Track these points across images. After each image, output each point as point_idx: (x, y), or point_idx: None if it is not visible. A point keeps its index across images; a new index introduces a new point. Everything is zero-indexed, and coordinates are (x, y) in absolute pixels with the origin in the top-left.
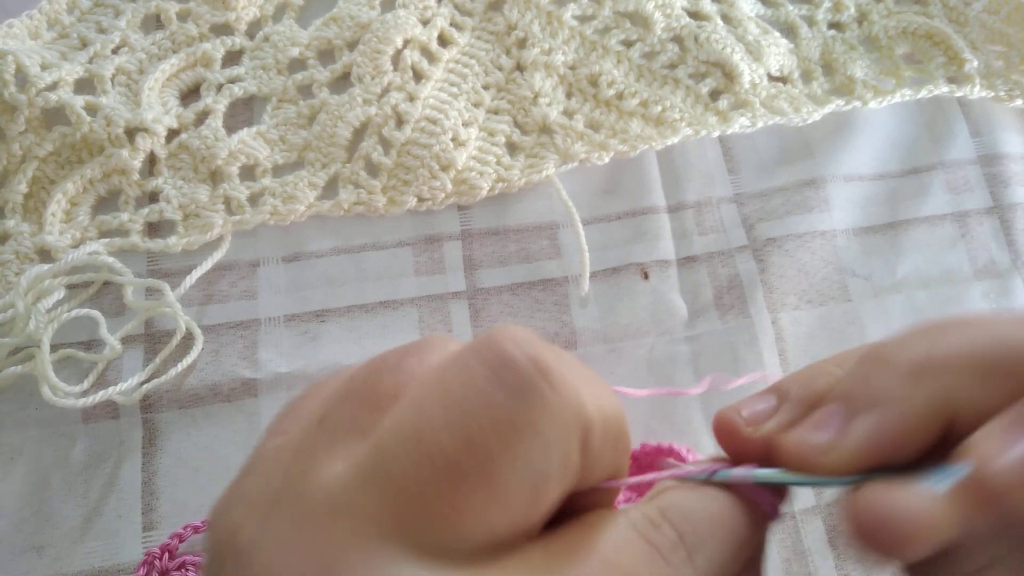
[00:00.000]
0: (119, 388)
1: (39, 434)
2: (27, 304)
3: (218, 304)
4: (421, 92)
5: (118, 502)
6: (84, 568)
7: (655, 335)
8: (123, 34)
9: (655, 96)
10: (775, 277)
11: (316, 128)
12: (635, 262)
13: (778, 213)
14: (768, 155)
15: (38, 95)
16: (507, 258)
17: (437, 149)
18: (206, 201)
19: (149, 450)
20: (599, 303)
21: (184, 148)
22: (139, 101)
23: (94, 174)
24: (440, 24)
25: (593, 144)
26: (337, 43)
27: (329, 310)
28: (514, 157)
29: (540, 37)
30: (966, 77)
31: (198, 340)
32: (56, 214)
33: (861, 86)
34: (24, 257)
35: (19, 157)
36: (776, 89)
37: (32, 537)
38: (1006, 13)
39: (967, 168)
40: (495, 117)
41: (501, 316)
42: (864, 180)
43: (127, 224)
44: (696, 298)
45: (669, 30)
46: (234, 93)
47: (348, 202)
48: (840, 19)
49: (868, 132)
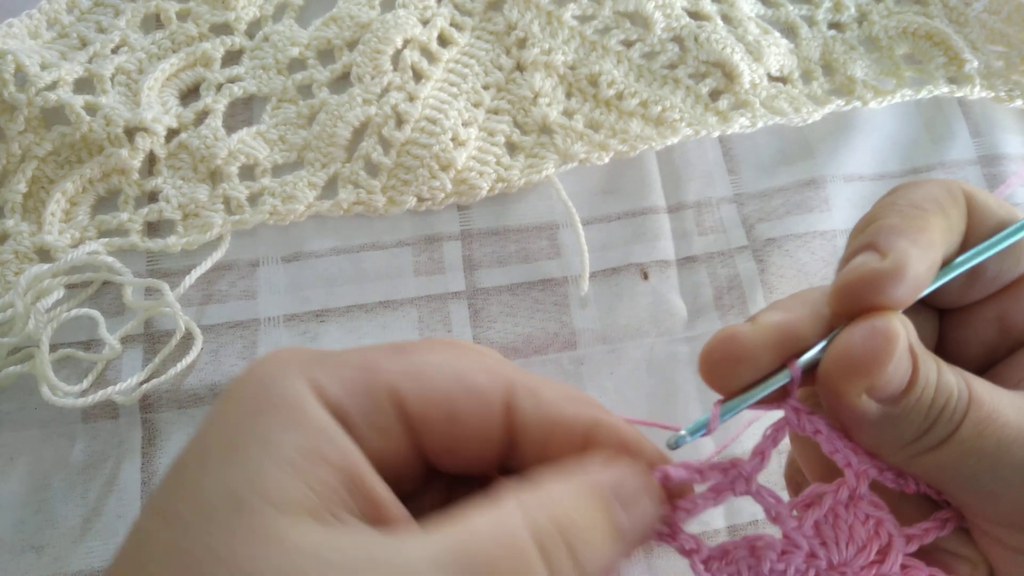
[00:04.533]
0: (118, 388)
1: (39, 434)
2: (26, 304)
3: (217, 304)
4: (421, 92)
5: (118, 502)
6: (84, 568)
7: (655, 335)
8: (123, 34)
9: (655, 96)
10: (775, 277)
11: (316, 128)
12: (635, 262)
13: (778, 213)
14: (768, 155)
15: (38, 95)
16: (507, 258)
17: (437, 149)
18: (206, 201)
19: (149, 450)
20: (599, 303)
21: (184, 148)
22: (139, 101)
23: (93, 174)
24: (440, 24)
25: (593, 144)
26: (337, 43)
27: (329, 310)
28: (514, 157)
29: (540, 37)
30: (966, 77)
31: (197, 340)
32: (55, 214)
33: (861, 86)
34: (23, 257)
35: (18, 157)
36: (776, 89)
37: (32, 537)
38: (1006, 13)
39: (967, 168)
40: (495, 117)
41: (501, 316)
42: (864, 180)
43: (126, 224)
44: (696, 298)
45: (669, 30)
46: (234, 93)
47: (348, 202)
48: (840, 19)
49: (868, 132)
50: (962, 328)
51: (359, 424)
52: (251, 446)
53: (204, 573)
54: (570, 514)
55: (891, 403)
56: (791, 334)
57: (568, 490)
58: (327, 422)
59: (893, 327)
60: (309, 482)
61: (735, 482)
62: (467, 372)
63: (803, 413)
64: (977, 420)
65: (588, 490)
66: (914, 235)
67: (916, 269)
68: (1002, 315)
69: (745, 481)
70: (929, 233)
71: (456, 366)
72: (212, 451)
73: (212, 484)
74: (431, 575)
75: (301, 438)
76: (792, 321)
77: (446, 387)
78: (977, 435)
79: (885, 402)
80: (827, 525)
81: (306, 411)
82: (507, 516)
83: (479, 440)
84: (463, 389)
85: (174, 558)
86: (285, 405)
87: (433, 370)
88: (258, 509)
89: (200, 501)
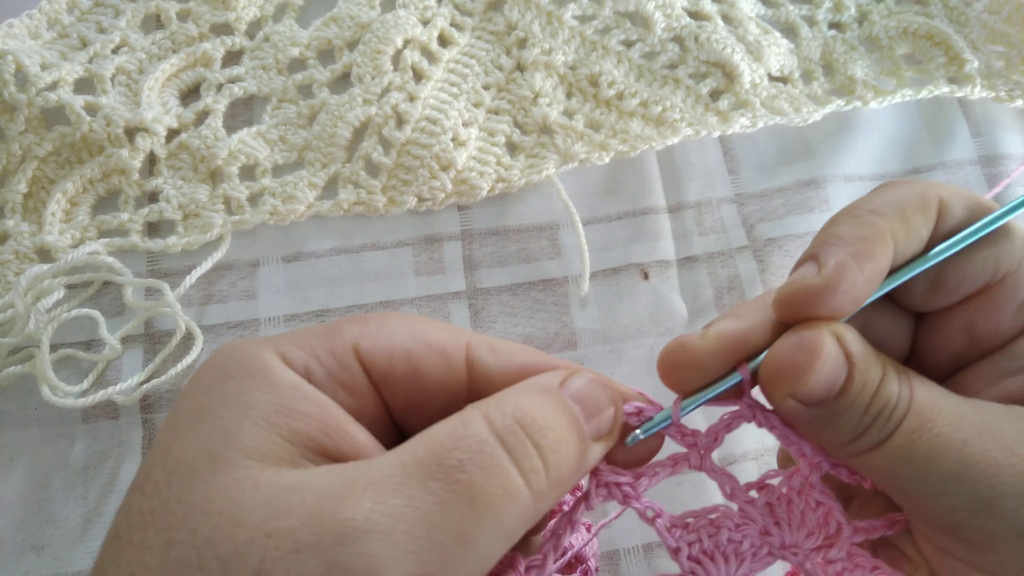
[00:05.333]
0: (119, 388)
1: (39, 434)
2: (27, 304)
3: (218, 304)
4: (421, 92)
5: (118, 502)
6: (84, 568)
7: (655, 335)
8: (123, 34)
9: (655, 96)
10: (775, 277)
11: (316, 128)
12: (635, 262)
13: (778, 213)
14: (768, 155)
15: (38, 95)
16: (507, 258)
17: (437, 149)
18: (206, 201)
19: (149, 450)
20: (599, 303)
21: (184, 148)
22: (139, 101)
23: (94, 174)
24: (440, 24)
25: (593, 144)
26: (337, 43)
27: (329, 310)
28: (514, 157)
29: (540, 37)
30: (966, 77)
31: (198, 340)
32: (56, 214)
33: (861, 86)
34: (24, 257)
35: (19, 157)
36: (776, 89)
37: (32, 537)
38: (1007, 13)
39: (967, 168)
40: (495, 117)
41: (501, 316)
42: (864, 180)
43: (127, 224)
44: (696, 298)
45: (669, 30)
46: (234, 93)
47: (348, 202)
48: (840, 19)
49: (868, 132)
50: (933, 334)
51: (325, 383)
52: (223, 408)
53: (183, 524)
54: (531, 413)
55: (822, 407)
56: (740, 342)
57: (529, 395)
58: (297, 380)
59: (818, 341)
60: (284, 434)
61: (690, 454)
62: (426, 330)
63: (757, 409)
64: (911, 429)
65: (549, 394)
66: (856, 245)
67: (851, 281)
68: (970, 324)
69: (700, 455)
70: (873, 242)
71: (415, 326)
72: (184, 419)
73: (186, 447)
74: (401, 480)
75: (273, 395)
76: (742, 330)
77: (406, 344)
78: (909, 443)
79: (814, 406)
80: (780, 507)
81: (275, 372)
82: (467, 417)
83: (443, 394)
84: (423, 344)
85: (150, 518)
86: (254, 369)
87: (392, 329)
88: (235, 461)
89: (174, 463)
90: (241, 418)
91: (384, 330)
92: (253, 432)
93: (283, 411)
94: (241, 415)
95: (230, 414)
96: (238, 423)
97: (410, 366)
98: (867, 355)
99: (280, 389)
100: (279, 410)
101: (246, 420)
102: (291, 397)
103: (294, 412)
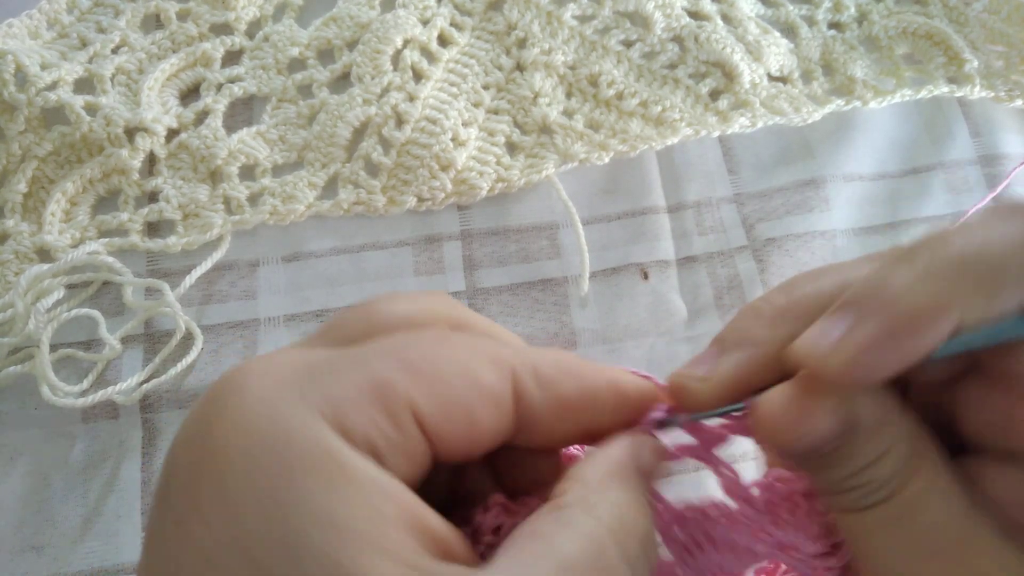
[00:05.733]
0: (119, 388)
1: (39, 434)
2: (26, 304)
3: (218, 304)
4: (421, 92)
5: (118, 502)
6: (84, 568)
7: (655, 335)
8: (123, 34)
9: (655, 96)
10: (775, 277)
11: (316, 128)
12: (635, 262)
13: (778, 213)
14: (768, 155)
15: (38, 95)
16: (507, 258)
17: (437, 149)
18: (206, 201)
19: (149, 450)
20: (599, 303)
21: (184, 148)
22: (139, 101)
23: (94, 174)
24: (440, 24)
25: (593, 144)
26: (337, 43)
27: (329, 310)
28: (514, 157)
29: (540, 37)
30: (966, 77)
31: (198, 340)
32: (56, 214)
33: (861, 86)
34: (24, 257)
35: (19, 157)
36: (776, 89)
37: (32, 537)
38: (1006, 13)
39: (967, 168)
40: (495, 117)
41: (501, 316)
42: (864, 180)
43: (127, 224)
44: (696, 298)
45: (669, 30)
46: (234, 93)
47: (348, 202)
48: (840, 19)
49: (868, 132)
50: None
51: (389, 456)
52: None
53: None
54: (641, 529)
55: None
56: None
57: (619, 493)
58: (377, 475)
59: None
60: (399, 559)
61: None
62: (478, 371)
63: None
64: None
65: (637, 491)
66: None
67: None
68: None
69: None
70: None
71: (467, 366)
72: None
73: None
74: None
75: (364, 507)
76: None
77: (463, 394)
78: (878, 526)
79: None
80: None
81: (349, 464)
82: (591, 530)
83: (490, 436)
84: (479, 393)
85: None
86: (320, 461)
87: (446, 375)
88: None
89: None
90: (342, 545)
91: (438, 380)
92: (363, 563)
93: (375, 521)
94: (340, 540)
95: (326, 536)
96: (339, 550)
97: (469, 422)
98: (871, 427)
99: (363, 489)
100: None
101: (349, 547)
102: (376, 499)
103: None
